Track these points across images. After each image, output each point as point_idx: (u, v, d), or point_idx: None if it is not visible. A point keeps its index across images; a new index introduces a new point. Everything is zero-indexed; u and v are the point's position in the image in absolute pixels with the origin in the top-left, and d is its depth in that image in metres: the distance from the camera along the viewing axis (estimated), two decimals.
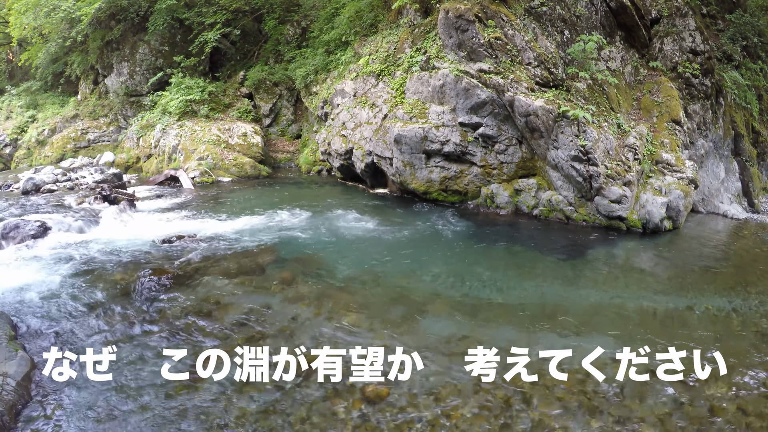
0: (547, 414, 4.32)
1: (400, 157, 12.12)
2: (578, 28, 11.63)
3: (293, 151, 19.66)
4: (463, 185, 11.88)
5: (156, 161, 18.26)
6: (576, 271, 7.98)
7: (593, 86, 11.13)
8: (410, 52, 13.05)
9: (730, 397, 4.59)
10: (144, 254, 8.19)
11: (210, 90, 19.28)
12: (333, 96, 15.36)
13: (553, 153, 10.45)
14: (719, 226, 11.61)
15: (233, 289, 6.77)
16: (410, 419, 4.25)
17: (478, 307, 6.44)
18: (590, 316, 6.28)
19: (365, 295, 6.75)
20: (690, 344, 5.55)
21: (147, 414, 4.25)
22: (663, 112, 11.70)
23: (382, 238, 9.36)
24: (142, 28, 20.86)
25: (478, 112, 11.14)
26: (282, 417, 4.25)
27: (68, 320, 5.87)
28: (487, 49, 10.94)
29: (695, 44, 12.37)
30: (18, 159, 22.16)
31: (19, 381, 4.48)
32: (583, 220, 10.43)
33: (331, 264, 7.90)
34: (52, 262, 7.67)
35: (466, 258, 8.51)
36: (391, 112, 12.59)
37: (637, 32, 12.41)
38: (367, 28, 16.14)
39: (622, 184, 10.05)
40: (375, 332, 5.66)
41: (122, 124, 21.79)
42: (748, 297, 7.02)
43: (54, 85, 25.22)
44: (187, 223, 10.38)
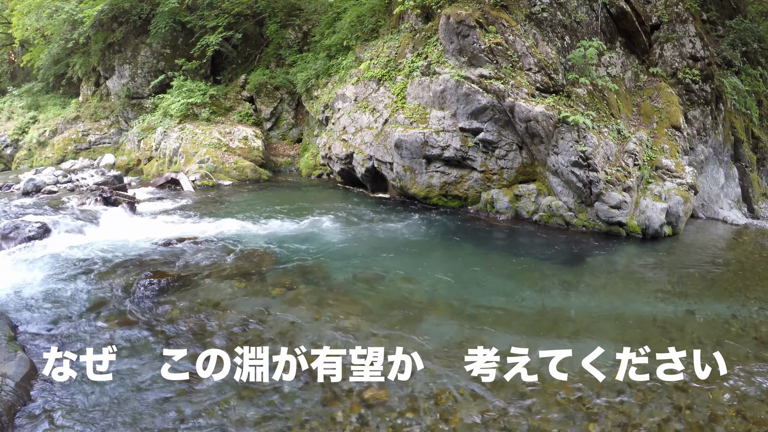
0: (547, 418, 4.33)
1: (401, 162, 12.14)
2: (579, 33, 11.67)
3: (294, 155, 19.69)
4: (463, 190, 11.90)
5: (157, 164, 18.28)
6: (576, 277, 7.98)
7: (593, 92, 11.16)
8: (411, 57, 13.09)
9: (729, 403, 4.59)
10: (144, 256, 8.20)
11: (211, 93, 19.32)
12: (334, 100, 15.40)
13: (553, 158, 10.47)
14: (719, 232, 11.61)
15: (233, 292, 6.78)
16: (409, 423, 4.25)
17: (478, 312, 6.44)
18: (590, 322, 6.29)
19: (365, 299, 6.75)
20: (689, 349, 5.56)
21: (146, 415, 4.25)
22: (663, 117, 11.73)
23: (382, 243, 9.37)
24: (144, 31, 20.94)
25: (479, 117, 11.16)
26: (281, 420, 4.25)
27: (68, 321, 5.88)
28: (487, 55, 10.98)
29: (695, 50, 12.41)
30: (19, 160, 22.20)
31: (18, 382, 4.48)
32: (582, 225, 10.44)
33: (331, 268, 7.91)
34: (52, 263, 7.68)
35: (465, 263, 8.52)
36: (392, 116, 12.62)
37: (638, 38, 12.45)
38: (369, 32, 16.19)
39: (622, 189, 10.07)
40: (374, 336, 5.67)
41: (123, 127, 21.83)
42: (747, 302, 7.02)
43: (56, 86, 25.29)
44: (187, 226, 10.38)
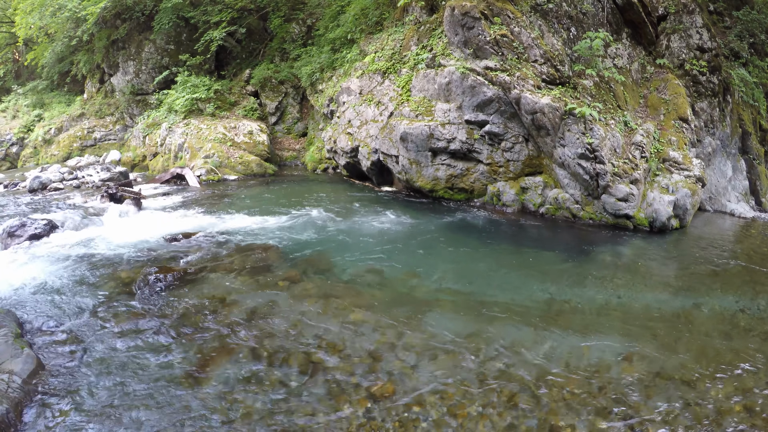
0: (554, 413, 4.30)
1: (406, 155, 12.10)
2: (585, 25, 11.56)
3: (299, 149, 19.68)
4: (469, 183, 11.85)
5: (162, 159, 18.31)
6: (583, 270, 7.94)
7: (600, 84, 11.07)
8: (416, 49, 13.02)
9: (737, 397, 4.56)
10: (150, 252, 8.21)
11: (216, 88, 19.32)
12: (339, 94, 15.35)
13: (560, 151, 10.40)
14: (726, 225, 11.53)
15: (239, 287, 6.78)
16: (416, 418, 4.24)
17: (485, 305, 6.42)
18: (597, 315, 6.25)
19: (371, 293, 6.74)
20: (696, 343, 5.53)
21: (153, 411, 4.25)
22: (670, 109, 11.62)
23: (388, 236, 9.35)
24: (147, 27, 20.93)
25: (485, 109, 11.09)
26: (287, 415, 4.25)
27: (74, 318, 5.89)
28: (493, 47, 10.90)
29: (702, 41, 12.28)
30: (24, 158, 22.29)
31: (24, 378, 4.49)
32: (589, 218, 10.38)
33: (337, 262, 7.90)
34: (58, 260, 7.70)
35: (472, 256, 8.49)
36: (397, 109, 12.57)
37: (644, 29, 12.33)
38: (373, 25, 16.12)
39: (629, 182, 10.00)
40: (381, 330, 5.66)
41: (128, 123, 21.87)
42: (756, 296, 6.97)
43: (60, 84, 25.36)
44: (193, 221, 10.39)
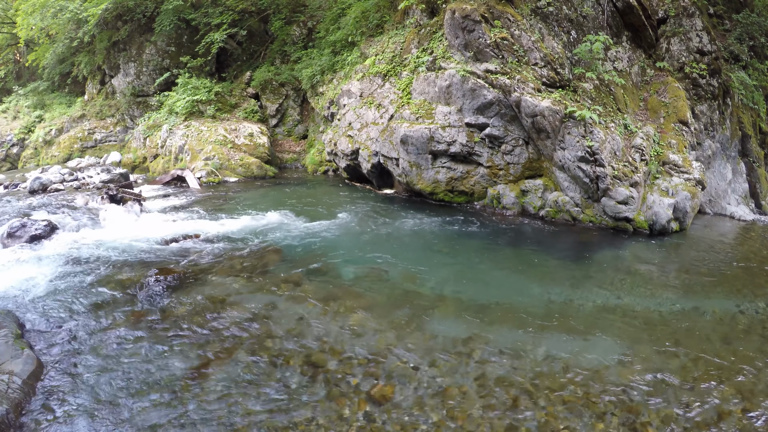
0: (554, 416, 4.31)
1: (407, 158, 12.11)
2: (585, 28, 11.59)
3: (299, 152, 19.69)
4: (469, 186, 11.86)
5: (162, 161, 18.32)
6: (583, 273, 7.95)
7: (600, 87, 11.09)
8: (416, 52, 13.04)
9: (736, 400, 4.56)
10: (150, 254, 8.21)
11: (216, 90, 19.34)
12: (339, 96, 15.38)
13: (560, 154, 10.42)
14: (726, 228, 11.53)
15: (240, 289, 6.79)
16: (415, 421, 4.24)
17: (485, 307, 6.42)
18: (597, 318, 6.26)
19: (371, 295, 6.74)
20: (696, 346, 5.53)
21: (152, 412, 4.26)
22: (670, 112, 11.64)
23: (389, 239, 9.35)
24: (148, 29, 20.96)
25: (485, 112, 11.11)
26: (287, 416, 4.25)
27: (74, 319, 5.90)
28: (493, 50, 10.92)
29: (702, 44, 12.30)
30: (25, 159, 22.32)
31: (25, 379, 4.49)
32: (589, 221, 10.39)
33: (338, 264, 7.90)
34: (58, 261, 7.71)
35: (472, 259, 8.49)
36: (398, 112, 12.59)
37: (644, 32, 12.36)
38: (374, 28, 16.14)
39: (629, 185, 10.01)
40: (381, 333, 5.66)
41: (129, 124, 21.90)
42: (755, 299, 6.97)
43: (61, 85, 25.39)
44: (193, 222, 10.40)
